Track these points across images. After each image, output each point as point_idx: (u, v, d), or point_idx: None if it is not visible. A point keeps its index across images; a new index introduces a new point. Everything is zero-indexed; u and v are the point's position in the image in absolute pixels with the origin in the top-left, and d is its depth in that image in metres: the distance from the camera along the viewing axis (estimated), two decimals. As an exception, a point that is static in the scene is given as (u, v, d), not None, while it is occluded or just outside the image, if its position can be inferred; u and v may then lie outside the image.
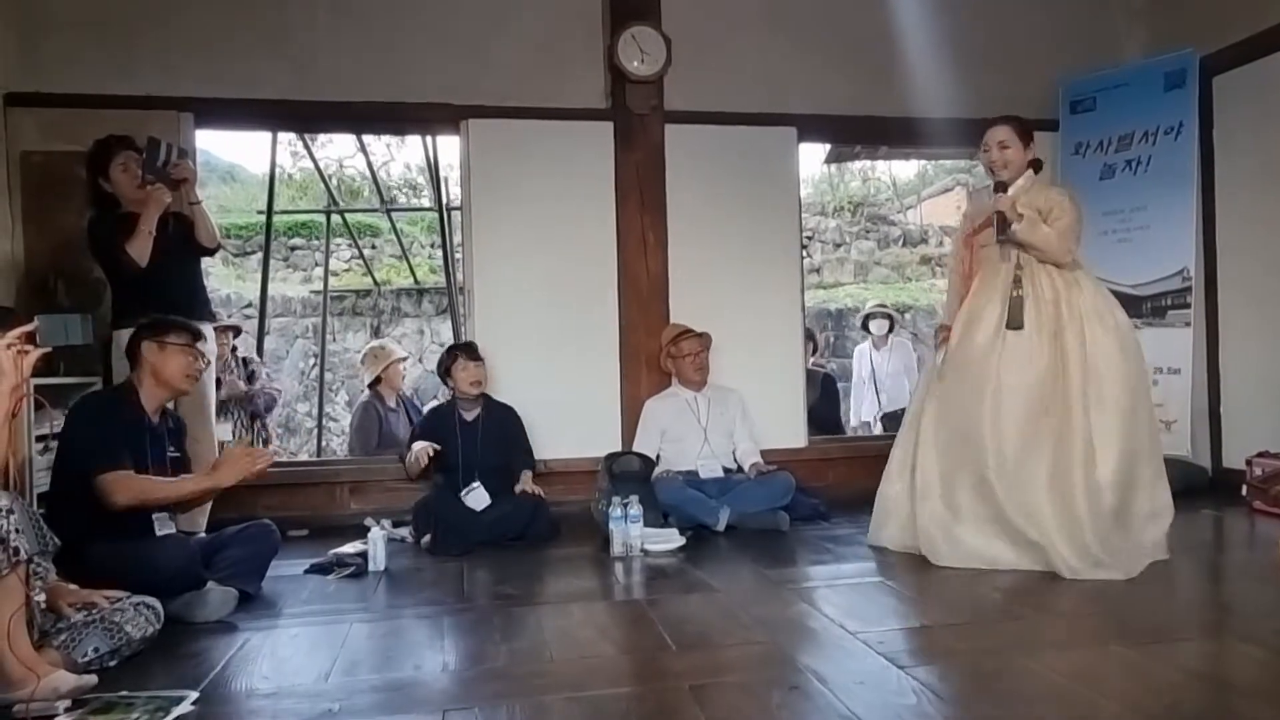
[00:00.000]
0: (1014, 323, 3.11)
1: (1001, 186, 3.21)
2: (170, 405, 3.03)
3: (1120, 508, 3.02)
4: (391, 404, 5.09)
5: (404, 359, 5.28)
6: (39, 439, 3.15)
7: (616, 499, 3.45)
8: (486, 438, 3.92)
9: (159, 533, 2.78)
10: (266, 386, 5.37)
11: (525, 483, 3.92)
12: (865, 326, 6.54)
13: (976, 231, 3.35)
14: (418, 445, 3.86)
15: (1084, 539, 2.89)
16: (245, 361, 5.16)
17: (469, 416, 3.98)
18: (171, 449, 2.93)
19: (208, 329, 3.66)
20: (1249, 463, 4.03)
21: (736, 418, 4.25)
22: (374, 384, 5.11)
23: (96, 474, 2.63)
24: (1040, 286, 3.16)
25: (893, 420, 6.15)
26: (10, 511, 1.96)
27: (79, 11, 4.04)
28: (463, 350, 4.03)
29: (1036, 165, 3.28)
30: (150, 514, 2.80)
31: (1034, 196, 3.20)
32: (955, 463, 3.15)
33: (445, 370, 4.03)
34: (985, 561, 3.01)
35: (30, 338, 2.12)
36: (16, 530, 1.96)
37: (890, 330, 6.44)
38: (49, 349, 2.18)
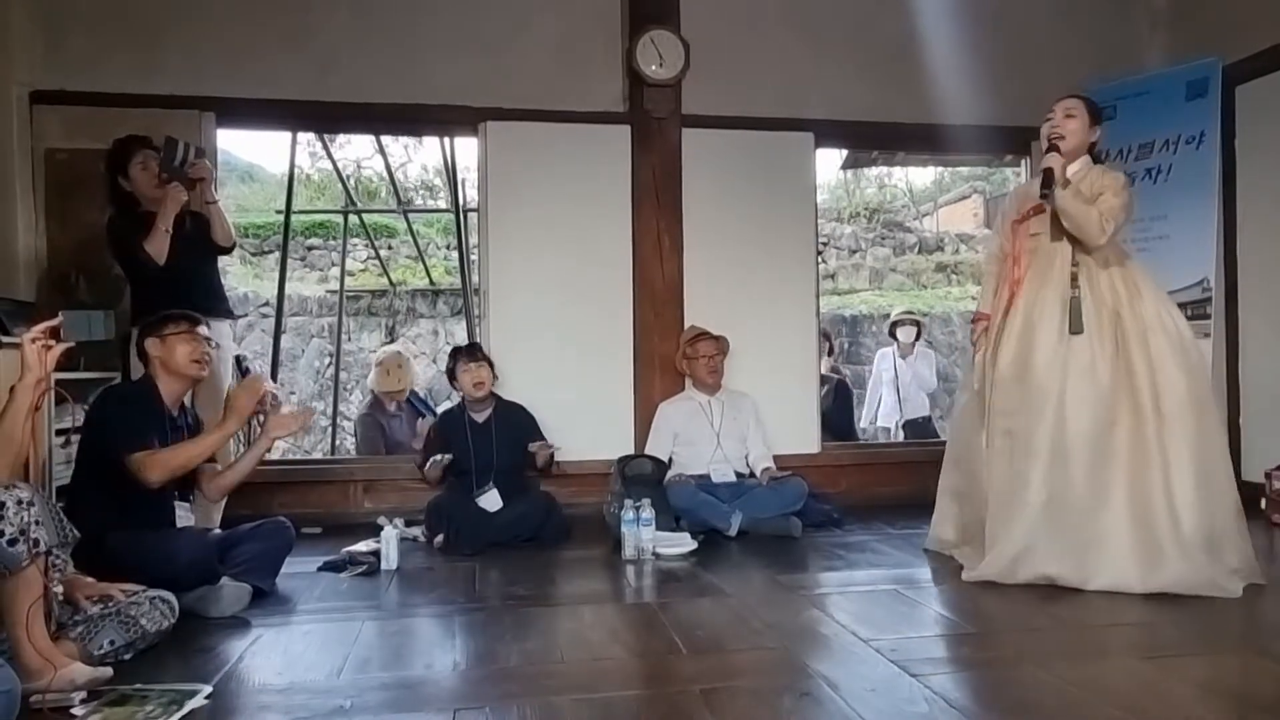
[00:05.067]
0: (1075, 327, 2.97)
1: (1054, 148, 3.06)
2: (188, 402, 3.07)
3: (1204, 529, 2.84)
4: (392, 409, 5.01)
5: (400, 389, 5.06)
6: (60, 433, 3.19)
7: (629, 502, 3.45)
8: (499, 439, 3.92)
9: (180, 524, 2.82)
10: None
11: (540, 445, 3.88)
12: (892, 333, 6.46)
13: (1024, 218, 3.19)
14: (431, 464, 3.84)
15: (1167, 560, 2.77)
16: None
17: (479, 418, 3.98)
18: None
19: (221, 325, 3.70)
20: (1268, 476, 3.99)
21: (749, 422, 4.24)
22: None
23: (127, 455, 2.68)
24: (1099, 288, 3.01)
25: (914, 428, 6.14)
26: (30, 504, 1.98)
27: (104, 11, 4.09)
28: (464, 352, 4.04)
29: (1096, 153, 3.16)
30: (171, 504, 2.84)
31: (1089, 181, 3.08)
32: (1015, 477, 2.99)
33: (450, 373, 4.03)
34: (1043, 578, 2.86)
35: (54, 332, 2.15)
36: (36, 522, 1.98)
37: (917, 338, 6.39)
38: (72, 344, 2.20)
